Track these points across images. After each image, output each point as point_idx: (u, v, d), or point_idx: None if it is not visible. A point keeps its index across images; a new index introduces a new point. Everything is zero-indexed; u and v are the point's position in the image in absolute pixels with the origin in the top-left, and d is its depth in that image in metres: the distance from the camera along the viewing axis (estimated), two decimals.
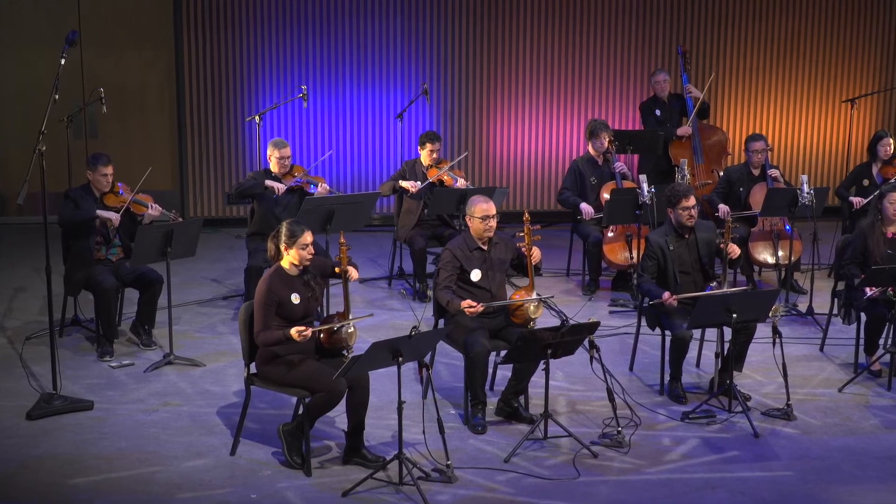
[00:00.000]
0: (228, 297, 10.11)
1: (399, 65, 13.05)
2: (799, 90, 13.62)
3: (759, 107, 13.61)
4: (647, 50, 13.29)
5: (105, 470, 6.51)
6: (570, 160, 12.38)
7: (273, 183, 9.26)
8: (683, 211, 7.73)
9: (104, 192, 8.60)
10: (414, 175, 10.18)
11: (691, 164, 11.22)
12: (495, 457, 6.73)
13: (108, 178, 8.58)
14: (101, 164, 8.55)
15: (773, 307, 7.25)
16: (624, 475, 6.53)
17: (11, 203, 12.62)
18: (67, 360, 8.25)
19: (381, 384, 7.55)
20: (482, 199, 7.34)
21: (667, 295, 7.51)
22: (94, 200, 8.55)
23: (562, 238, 11.37)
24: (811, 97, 13.66)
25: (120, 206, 8.53)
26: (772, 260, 10.02)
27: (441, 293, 7.21)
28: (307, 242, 6.60)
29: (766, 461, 6.73)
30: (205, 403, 7.55)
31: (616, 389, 7.08)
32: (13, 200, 12.10)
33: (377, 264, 11.20)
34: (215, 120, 12.92)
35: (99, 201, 8.58)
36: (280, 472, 6.49)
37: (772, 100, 13.62)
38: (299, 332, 6.37)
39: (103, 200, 8.59)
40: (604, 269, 10.37)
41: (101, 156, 8.64)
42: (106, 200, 8.59)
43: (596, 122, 10.41)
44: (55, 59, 7.43)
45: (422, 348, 6.41)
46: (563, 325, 6.67)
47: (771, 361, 7.66)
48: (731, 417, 7.31)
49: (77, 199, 8.47)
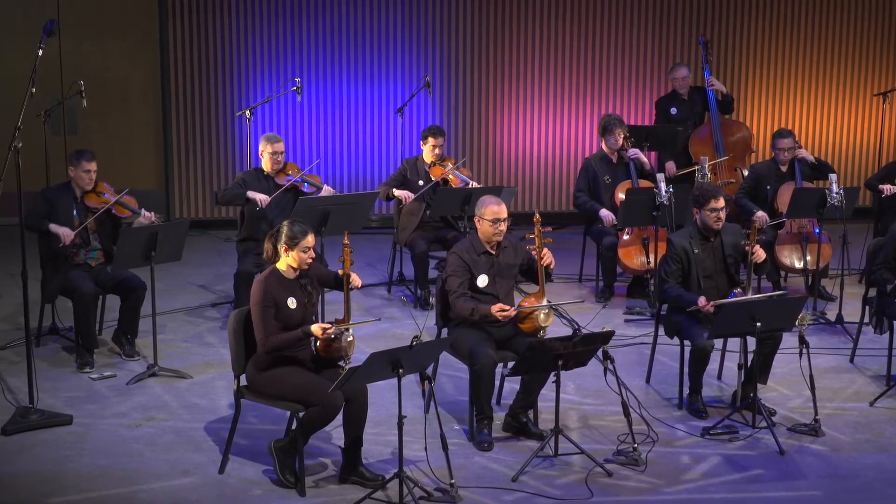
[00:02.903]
0: (217, 304, 10.12)
1: (399, 55, 13.07)
2: (828, 83, 13.63)
3: (786, 101, 13.61)
4: (666, 40, 13.30)
5: (85, 489, 6.52)
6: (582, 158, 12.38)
7: (256, 195, 9.18)
8: (711, 213, 7.72)
9: (86, 190, 8.63)
10: (416, 174, 10.19)
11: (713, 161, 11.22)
12: (502, 475, 6.74)
13: (91, 175, 8.61)
14: (84, 159, 8.59)
15: (800, 315, 7.25)
16: (640, 495, 6.54)
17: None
18: (45, 371, 8.26)
19: (381, 397, 7.56)
20: (493, 201, 7.33)
21: (703, 300, 7.48)
22: (72, 199, 8.59)
23: (574, 241, 11.39)
24: (841, 90, 13.67)
25: (97, 209, 8.55)
26: (799, 264, 10.02)
27: (460, 302, 7.19)
28: (309, 245, 6.61)
29: (793, 480, 6.74)
30: (191, 418, 7.57)
31: (632, 403, 7.09)
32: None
33: (376, 269, 11.22)
34: (203, 115, 12.95)
35: (79, 201, 8.61)
36: (272, 492, 6.50)
37: (799, 93, 13.62)
38: (323, 328, 6.40)
39: (84, 200, 8.62)
40: (619, 274, 10.38)
41: (85, 151, 8.69)
42: (87, 199, 8.62)
43: (610, 117, 10.41)
44: (32, 49, 7.45)
45: (424, 359, 6.43)
46: (575, 334, 6.68)
47: (798, 373, 7.65)
48: (754, 433, 7.32)
49: (52, 200, 8.50)
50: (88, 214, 8.59)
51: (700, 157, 10.44)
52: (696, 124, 11.72)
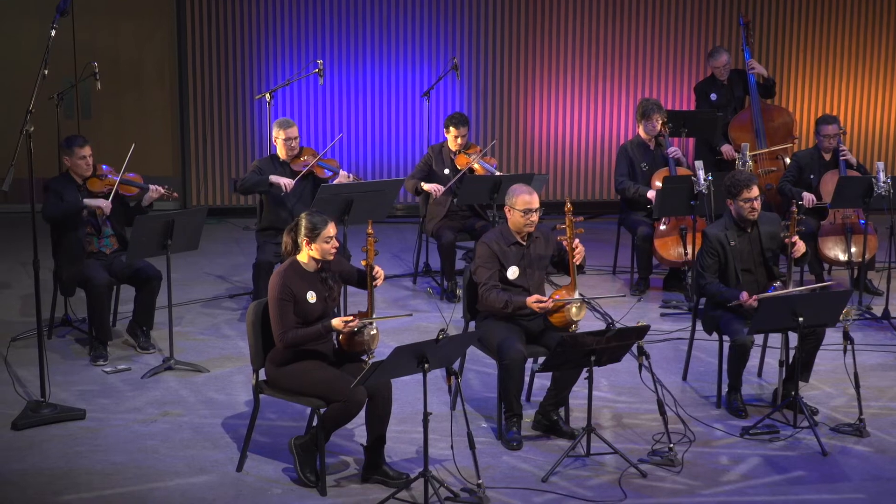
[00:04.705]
0: (235, 295, 10.16)
1: (426, 37, 13.06)
2: (876, 66, 13.55)
3: (830, 85, 13.54)
4: (704, 21, 13.25)
5: (98, 486, 6.55)
6: (617, 145, 12.37)
7: (279, 179, 9.20)
8: (745, 203, 7.70)
9: (86, 176, 8.62)
10: (441, 162, 10.18)
11: (753, 148, 11.18)
12: (532, 476, 6.74)
13: (87, 161, 8.56)
14: (76, 145, 8.54)
15: (845, 310, 7.23)
16: (676, 497, 6.53)
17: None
18: (57, 364, 8.31)
19: (405, 393, 7.57)
20: (525, 190, 7.32)
21: (745, 295, 7.46)
22: (76, 188, 8.55)
23: (608, 231, 11.37)
24: (889, 74, 13.58)
25: (108, 190, 8.56)
26: (843, 257, 9.99)
27: (492, 294, 7.18)
28: (331, 235, 6.60)
29: (835, 482, 6.72)
30: (209, 414, 7.60)
31: (667, 401, 7.07)
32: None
33: (401, 260, 11.23)
34: (221, 98, 12.97)
35: (82, 188, 8.58)
36: (291, 491, 6.52)
37: (845, 77, 13.54)
38: (345, 322, 6.41)
39: (87, 186, 8.60)
40: (655, 266, 10.37)
41: (76, 137, 8.64)
42: (90, 186, 8.59)
43: (647, 101, 10.39)
44: (44, 30, 7.48)
45: (450, 354, 6.43)
46: (609, 328, 6.68)
47: (841, 371, 7.64)
48: (796, 433, 7.30)
49: (60, 191, 8.48)
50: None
51: (741, 144, 10.41)
52: (737, 110, 11.67)
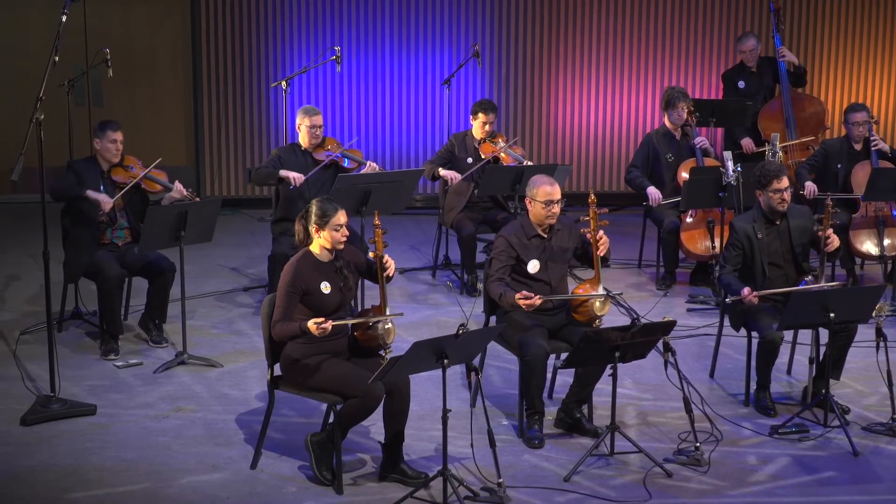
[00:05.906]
0: (250, 288, 10.17)
1: (447, 23, 13.06)
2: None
3: (864, 74, 13.49)
4: (734, 7, 13.21)
5: (108, 483, 6.57)
6: (642, 134, 12.34)
7: (289, 173, 9.18)
8: (775, 194, 7.69)
9: (113, 163, 8.67)
10: (464, 150, 10.17)
11: (783, 138, 11.15)
12: (554, 475, 6.74)
13: (117, 146, 8.64)
14: (110, 129, 8.63)
15: (878, 306, 7.21)
16: (702, 498, 6.52)
17: (5, 179, 12.75)
18: (67, 358, 8.34)
19: (424, 390, 7.57)
20: (547, 181, 7.31)
21: (746, 291, 7.46)
22: (99, 174, 8.62)
23: (633, 224, 11.35)
24: None
25: (125, 184, 8.59)
26: (876, 251, 9.95)
27: (493, 286, 7.22)
28: (341, 223, 6.61)
29: (867, 483, 6.70)
30: (222, 409, 7.61)
31: (694, 399, 7.06)
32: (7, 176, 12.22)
33: (420, 252, 11.23)
34: (236, 85, 12.99)
35: (106, 175, 8.65)
36: (307, 489, 6.53)
37: (879, 65, 13.49)
38: (317, 324, 6.36)
39: (111, 174, 8.66)
40: (681, 260, 10.35)
41: (111, 121, 8.75)
42: (114, 174, 8.66)
43: (673, 90, 10.37)
44: (55, 16, 7.49)
45: (470, 349, 6.43)
46: (634, 324, 6.67)
47: (874, 368, 7.61)
48: (826, 433, 7.28)
49: (80, 172, 8.55)
50: (116, 190, 8.62)
51: (770, 134, 10.38)
52: (766, 98, 11.64)
